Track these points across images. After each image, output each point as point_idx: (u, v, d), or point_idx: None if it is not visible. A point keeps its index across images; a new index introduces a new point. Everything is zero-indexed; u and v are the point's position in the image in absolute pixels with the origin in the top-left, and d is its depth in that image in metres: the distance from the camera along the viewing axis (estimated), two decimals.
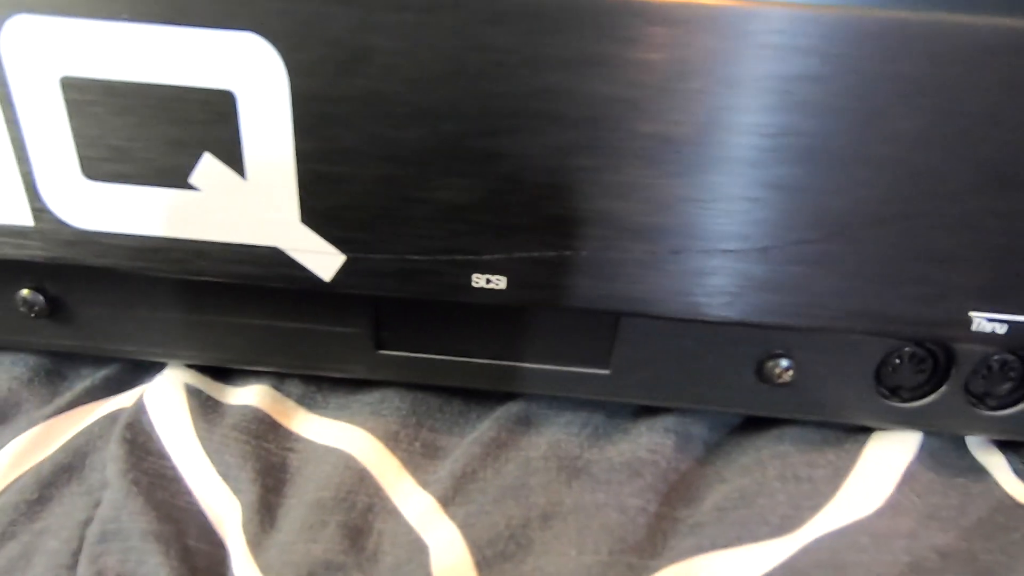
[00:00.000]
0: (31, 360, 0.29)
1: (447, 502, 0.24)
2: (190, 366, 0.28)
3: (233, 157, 0.21)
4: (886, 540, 0.22)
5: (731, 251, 0.21)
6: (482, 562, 0.22)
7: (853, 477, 0.24)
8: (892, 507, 0.23)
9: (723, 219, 0.21)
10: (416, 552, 0.22)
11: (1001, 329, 0.21)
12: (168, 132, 0.20)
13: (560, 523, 0.23)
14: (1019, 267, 0.20)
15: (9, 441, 0.26)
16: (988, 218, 0.20)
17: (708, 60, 0.18)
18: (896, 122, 0.19)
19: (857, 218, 0.20)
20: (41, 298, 0.26)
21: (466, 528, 0.23)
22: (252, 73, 0.20)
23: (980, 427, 0.26)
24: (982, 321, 0.21)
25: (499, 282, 0.22)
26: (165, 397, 0.27)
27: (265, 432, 0.27)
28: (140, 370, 0.29)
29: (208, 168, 0.21)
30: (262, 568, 0.22)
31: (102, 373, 0.29)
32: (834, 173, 0.20)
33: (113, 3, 0.19)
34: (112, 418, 0.27)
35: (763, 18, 0.18)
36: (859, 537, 0.22)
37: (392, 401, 0.28)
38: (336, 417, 0.28)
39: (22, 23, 0.19)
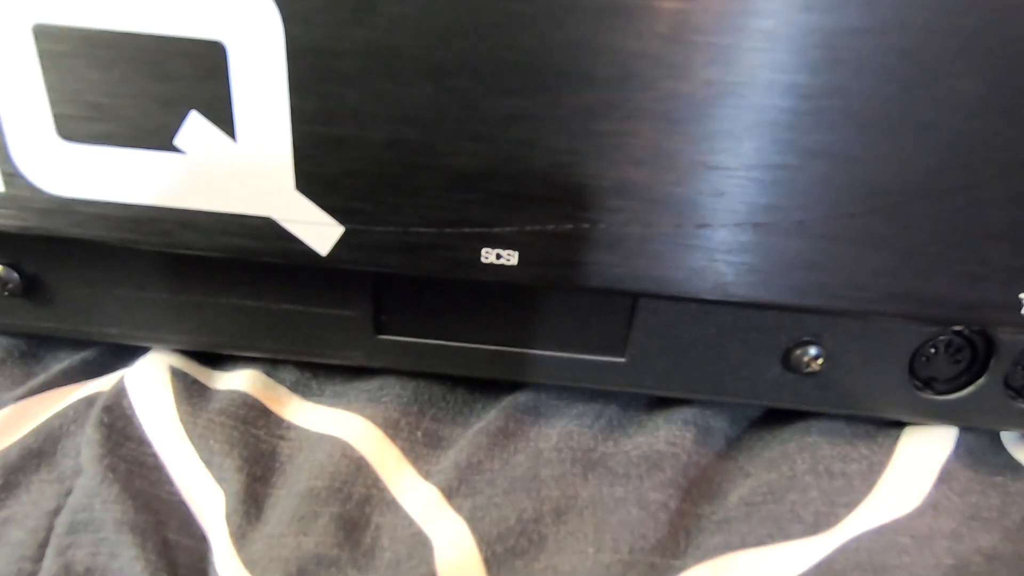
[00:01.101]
0: (3, 341, 0.27)
1: (451, 494, 0.22)
2: (176, 349, 0.27)
3: (222, 116, 0.19)
4: (927, 541, 0.20)
5: (763, 224, 0.19)
6: (491, 558, 0.20)
7: (889, 473, 0.22)
8: (932, 506, 0.21)
9: (755, 189, 0.19)
10: (418, 547, 0.21)
11: None
12: (151, 87, 0.19)
13: (575, 518, 0.21)
14: None
15: None
16: None
17: (742, 12, 0.17)
18: (952, 83, 0.17)
19: (904, 190, 0.18)
20: (16, 275, 0.24)
21: (473, 521, 0.21)
22: (245, 22, 0.18)
23: (1020, 422, 0.24)
24: None
25: (510, 257, 0.21)
26: (148, 379, 0.25)
27: (254, 418, 0.25)
28: (123, 353, 0.27)
29: (195, 128, 0.19)
30: (246, 563, 0.20)
31: (81, 355, 0.27)
32: (880, 139, 0.18)
33: None
34: (89, 401, 0.25)
35: None
36: (899, 537, 0.20)
37: (392, 388, 0.26)
38: (332, 404, 0.26)
39: None
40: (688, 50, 0.17)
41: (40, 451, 0.23)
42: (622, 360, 0.25)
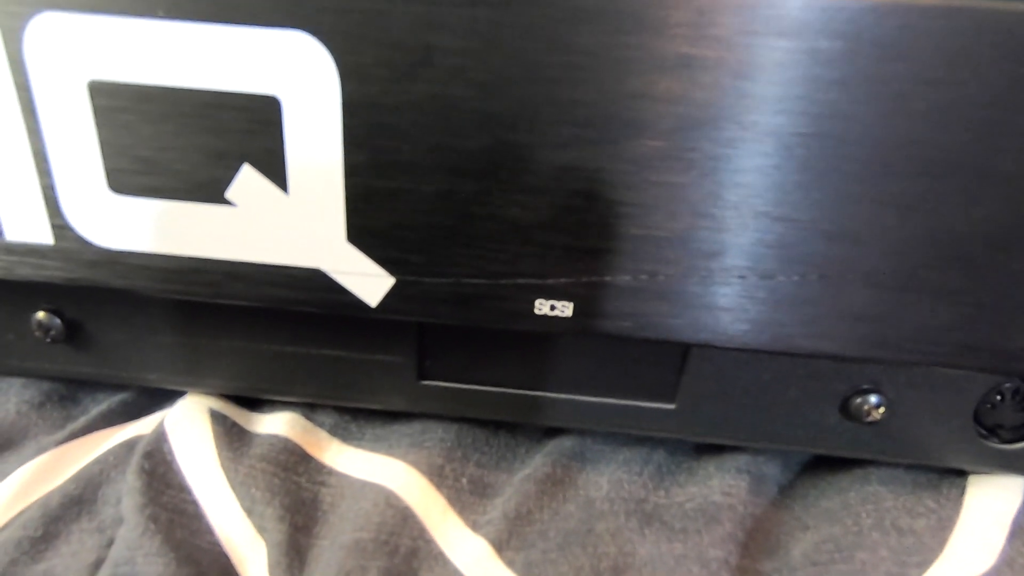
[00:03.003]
0: (44, 384, 0.27)
1: (502, 547, 0.22)
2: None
3: (275, 170, 0.19)
4: None
5: (830, 276, 0.19)
6: None
7: (960, 530, 0.22)
8: (1007, 564, 0.20)
9: (823, 240, 0.18)
10: None
11: None
12: (205, 142, 0.18)
13: None
14: None
15: (15, 470, 0.23)
16: None
17: (811, 63, 0.16)
18: None
19: (980, 242, 0.18)
20: (58, 321, 0.24)
21: None
22: (300, 77, 0.18)
23: None
24: None
25: (565, 309, 0.20)
26: (188, 424, 0.25)
27: (295, 464, 0.24)
28: (161, 395, 0.27)
29: (247, 181, 0.19)
30: None
31: (120, 397, 0.27)
32: (954, 189, 0.17)
33: None
34: (129, 446, 0.25)
35: (879, 13, 0.16)
36: None
37: (435, 432, 0.26)
38: (373, 449, 0.25)
39: (47, 22, 0.17)
40: (752, 100, 0.17)
41: (81, 498, 0.23)
42: (672, 407, 0.24)
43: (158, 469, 0.23)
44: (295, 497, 0.23)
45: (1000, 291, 0.18)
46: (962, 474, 0.24)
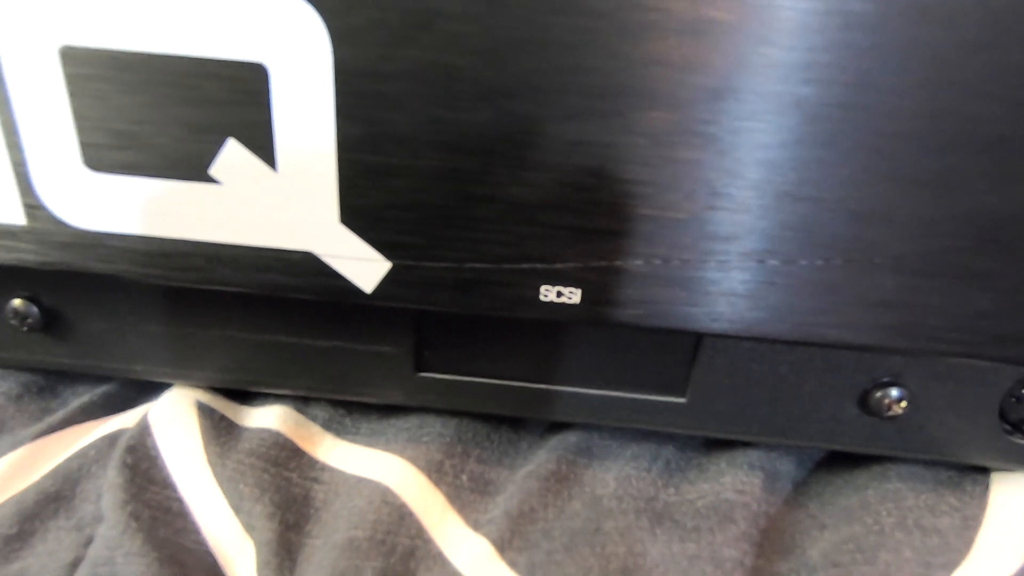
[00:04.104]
0: (21, 375, 0.25)
1: (504, 547, 0.21)
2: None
3: (262, 144, 0.18)
4: None
5: (855, 260, 0.18)
6: None
7: (986, 529, 0.20)
8: None
9: (848, 221, 0.17)
10: None
11: None
12: (186, 114, 0.17)
13: None
14: None
15: None
16: None
17: (842, 26, 0.15)
18: None
19: (1017, 223, 0.16)
20: (35, 309, 0.23)
21: None
22: (289, 43, 0.16)
23: None
24: None
25: (572, 295, 0.19)
26: (173, 417, 0.24)
27: (286, 459, 0.23)
28: (145, 387, 0.25)
29: (232, 157, 0.18)
30: None
31: (102, 389, 0.25)
32: (988, 165, 0.16)
33: None
34: (111, 440, 0.23)
35: None
36: None
37: (433, 427, 0.24)
38: (369, 444, 0.24)
39: None
40: (776, 69, 0.16)
41: (58, 495, 0.22)
42: (683, 400, 0.23)
43: (141, 464, 0.22)
44: (286, 494, 0.22)
45: None
46: (984, 471, 0.23)
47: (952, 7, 0.15)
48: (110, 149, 0.18)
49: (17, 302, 0.23)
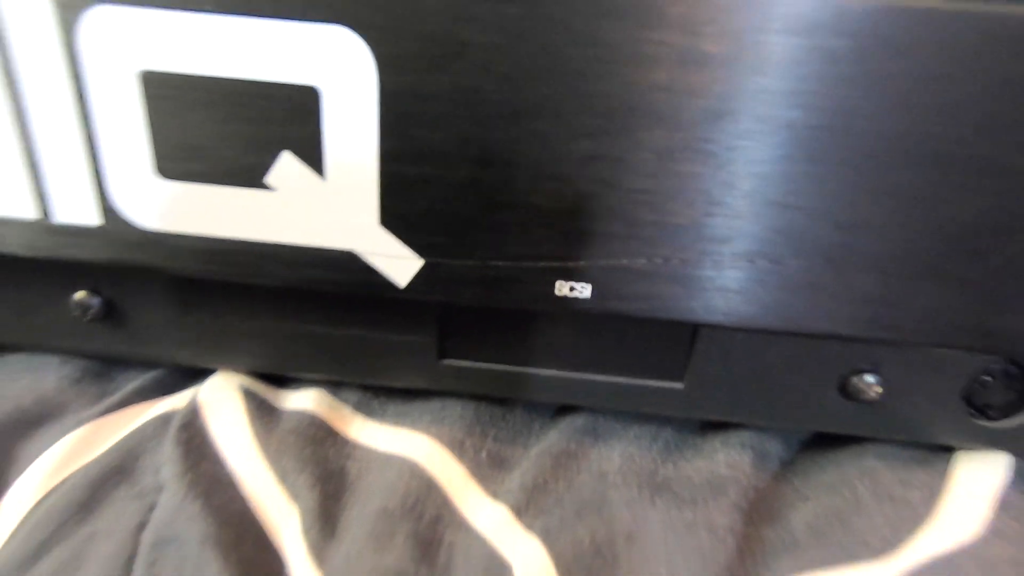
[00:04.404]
0: (80, 361, 0.28)
1: (521, 512, 0.23)
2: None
3: (313, 156, 0.20)
4: (993, 568, 0.21)
5: (836, 260, 0.20)
6: None
7: (949, 500, 0.23)
8: (994, 533, 0.22)
9: (830, 227, 0.20)
10: (495, 566, 0.21)
11: None
12: (247, 129, 0.20)
13: (647, 541, 0.22)
14: None
15: (58, 440, 0.25)
16: None
17: (822, 59, 0.17)
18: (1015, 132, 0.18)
19: (981, 229, 0.19)
20: (96, 301, 0.25)
21: (548, 541, 0.22)
22: (339, 68, 0.19)
23: None
24: None
25: (584, 290, 0.21)
26: (220, 399, 0.26)
27: (323, 438, 0.26)
28: (190, 373, 0.28)
29: (286, 167, 0.20)
30: None
31: (152, 374, 0.28)
32: (959, 180, 0.19)
33: None
34: (164, 419, 0.26)
35: (886, 14, 0.17)
36: (966, 564, 0.21)
37: (454, 409, 0.27)
38: (396, 424, 0.27)
39: (102, 15, 0.18)
40: (767, 95, 0.18)
41: (121, 467, 0.24)
42: (680, 386, 0.25)
43: (194, 440, 0.25)
44: (324, 468, 0.24)
45: (992, 277, 0.19)
46: (952, 450, 0.26)
47: (916, 45, 0.17)
48: (180, 160, 0.20)
49: (80, 295, 0.25)
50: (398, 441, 0.26)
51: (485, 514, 0.23)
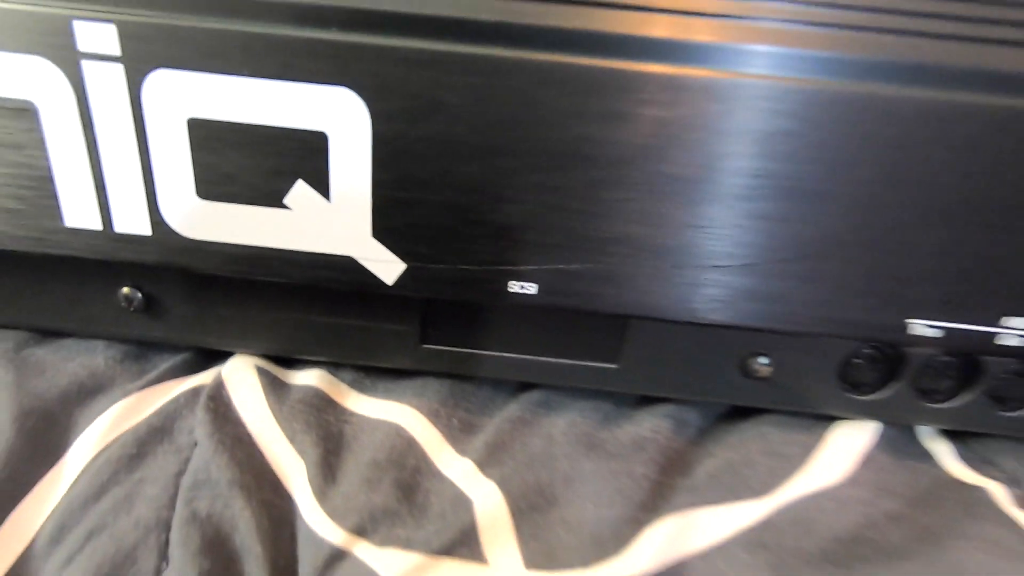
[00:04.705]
0: (123, 345, 0.33)
1: (483, 465, 0.28)
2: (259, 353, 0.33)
3: (321, 184, 0.25)
4: (845, 504, 0.27)
5: (722, 267, 0.26)
6: (517, 512, 0.27)
7: (820, 454, 0.29)
8: (852, 480, 0.28)
9: (717, 242, 0.25)
10: (461, 503, 0.27)
11: (937, 334, 0.26)
12: (270, 163, 0.25)
13: (580, 484, 0.28)
14: (950, 286, 0.26)
15: (109, 407, 0.29)
16: (924, 246, 0.25)
17: (706, 118, 0.23)
18: (854, 170, 0.24)
19: (824, 243, 0.25)
20: (139, 295, 0.30)
21: (503, 484, 0.27)
22: (342, 119, 0.24)
23: (927, 418, 0.31)
24: (918, 327, 0.26)
25: (531, 288, 0.27)
26: (240, 376, 0.31)
27: (325, 407, 0.31)
28: (215, 355, 0.33)
29: (300, 192, 0.26)
30: (329, 513, 0.26)
31: (181, 356, 0.33)
32: (806, 207, 0.25)
33: (235, 62, 0.23)
34: (195, 392, 0.31)
35: (751, 87, 0.23)
36: (824, 501, 0.27)
37: (432, 386, 0.32)
38: (384, 397, 0.32)
39: (162, 75, 0.24)
40: (667, 143, 0.24)
41: (162, 428, 0.29)
42: (615, 367, 0.31)
43: (220, 408, 0.30)
44: (325, 430, 0.30)
45: (839, 278, 0.25)
46: (833, 419, 0.32)
47: (858, 123, 0.23)
48: (216, 185, 0.26)
49: (126, 289, 0.30)
50: (385, 410, 0.31)
51: (455, 466, 0.29)
